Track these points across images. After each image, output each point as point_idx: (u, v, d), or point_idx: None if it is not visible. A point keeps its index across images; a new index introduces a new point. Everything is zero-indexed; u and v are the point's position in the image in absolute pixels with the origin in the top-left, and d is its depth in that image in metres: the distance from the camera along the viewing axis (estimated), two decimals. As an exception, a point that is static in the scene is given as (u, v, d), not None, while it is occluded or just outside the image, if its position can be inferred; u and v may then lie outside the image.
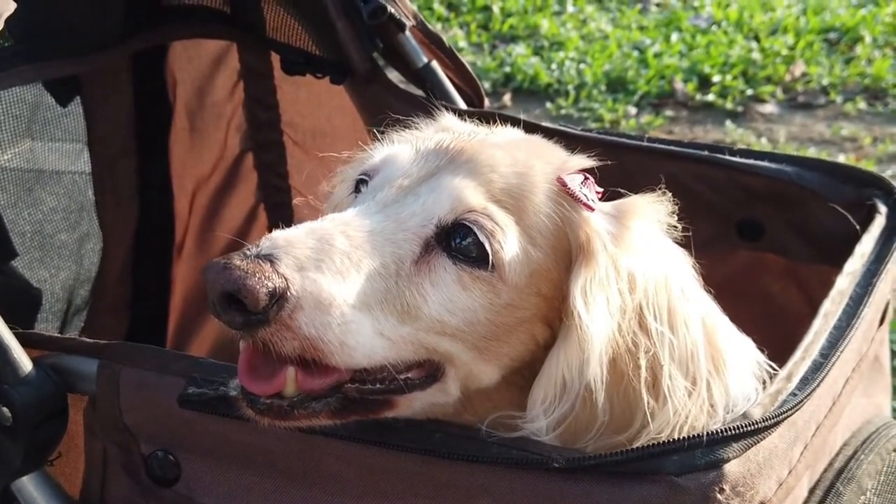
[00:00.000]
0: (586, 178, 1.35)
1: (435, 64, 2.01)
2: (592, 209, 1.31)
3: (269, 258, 1.13)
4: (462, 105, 2.01)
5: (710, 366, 1.27)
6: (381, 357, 1.21)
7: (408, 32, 1.98)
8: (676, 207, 1.37)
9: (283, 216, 2.29)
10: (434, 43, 2.01)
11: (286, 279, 1.13)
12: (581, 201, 1.30)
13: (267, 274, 1.12)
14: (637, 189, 1.43)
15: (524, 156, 1.35)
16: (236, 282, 1.10)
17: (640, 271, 1.28)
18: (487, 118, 1.78)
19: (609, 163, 1.42)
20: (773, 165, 1.70)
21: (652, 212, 1.34)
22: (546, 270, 1.28)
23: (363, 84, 2.02)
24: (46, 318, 2.01)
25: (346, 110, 2.10)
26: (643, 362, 1.24)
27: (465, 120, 1.58)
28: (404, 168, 1.33)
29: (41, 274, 1.99)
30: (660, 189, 1.36)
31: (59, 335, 1.69)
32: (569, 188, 1.31)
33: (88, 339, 1.41)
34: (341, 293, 1.17)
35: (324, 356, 1.16)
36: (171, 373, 1.31)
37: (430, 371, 1.27)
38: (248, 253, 1.13)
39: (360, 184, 1.38)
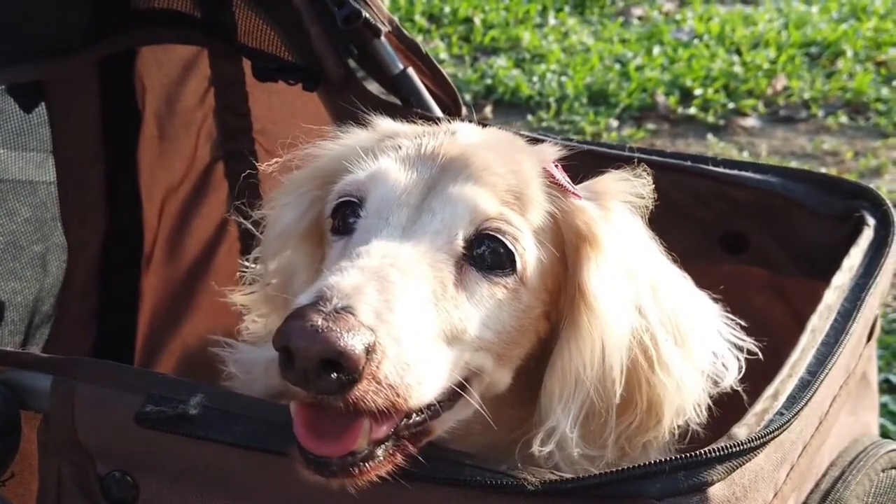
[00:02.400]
0: (557, 165, 1.36)
1: (411, 71, 1.96)
2: (579, 196, 1.31)
3: (348, 310, 1.06)
4: (439, 113, 1.95)
5: (690, 333, 1.29)
6: (441, 387, 1.17)
7: (383, 38, 1.92)
8: (660, 218, 1.36)
9: (254, 227, 2.23)
10: (410, 49, 1.96)
11: (373, 330, 1.06)
12: (569, 190, 1.31)
13: (357, 329, 1.05)
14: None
15: (508, 152, 1.33)
16: (334, 344, 1.03)
17: (632, 251, 1.29)
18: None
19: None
20: (757, 176, 1.66)
21: (625, 189, 1.35)
22: (551, 265, 1.27)
23: (337, 91, 1.96)
24: (8, 331, 1.95)
25: (320, 118, 2.04)
26: (648, 340, 1.24)
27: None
28: (401, 183, 1.27)
29: (13, 286, 1.94)
30: (628, 166, 1.36)
31: (11, 350, 1.63)
32: (557, 179, 1.31)
33: (43, 354, 1.36)
34: (413, 331, 1.11)
35: (404, 401, 1.10)
36: (128, 389, 1.25)
37: (455, 388, 1.22)
38: (323, 308, 1.05)
39: (343, 207, 1.30)
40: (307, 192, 1.43)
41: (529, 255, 1.25)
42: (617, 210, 1.32)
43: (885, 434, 2.77)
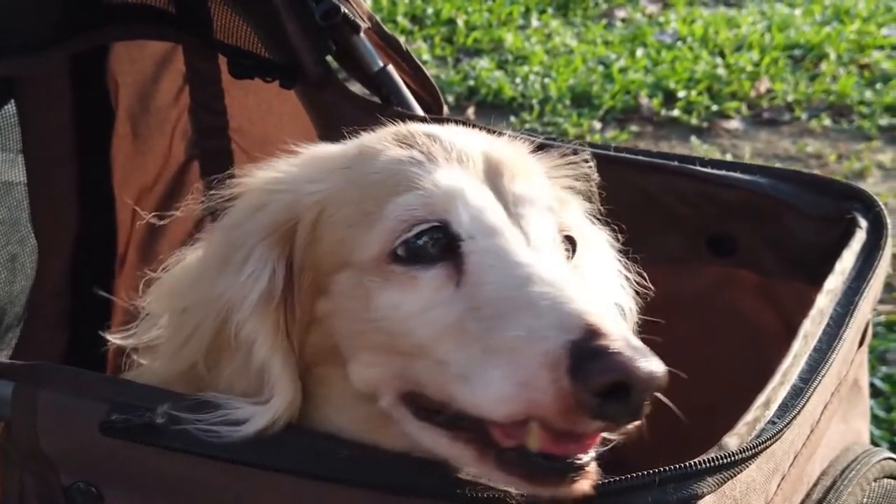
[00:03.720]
0: None
1: (391, 68, 1.91)
2: None
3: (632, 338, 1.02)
4: (420, 111, 1.91)
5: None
6: None
7: (362, 35, 1.87)
8: (645, 220, 1.32)
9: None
10: (391, 46, 1.91)
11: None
12: None
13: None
14: (602, 200, 1.39)
15: (518, 150, 1.33)
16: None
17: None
18: (446, 125, 1.70)
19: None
20: (746, 177, 1.62)
21: (566, 174, 1.36)
22: None
23: (315, 89, 1.91)
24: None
25: (298, 117, 1.99)
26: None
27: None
28: (481, 195, 1.18)
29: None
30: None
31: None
32: None
33: (4, 360, 1.30)
34: None
35: None
36: (92, 397, 1.20)
37: None
38: (633, 344, 0.99)
39: (419, 236, 1.15)
40: (270, 251, 1.21)
41: None
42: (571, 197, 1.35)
43: (870, 439, 2.74)
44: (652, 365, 0.98)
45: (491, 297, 1.08)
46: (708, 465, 1.04)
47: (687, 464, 1.03)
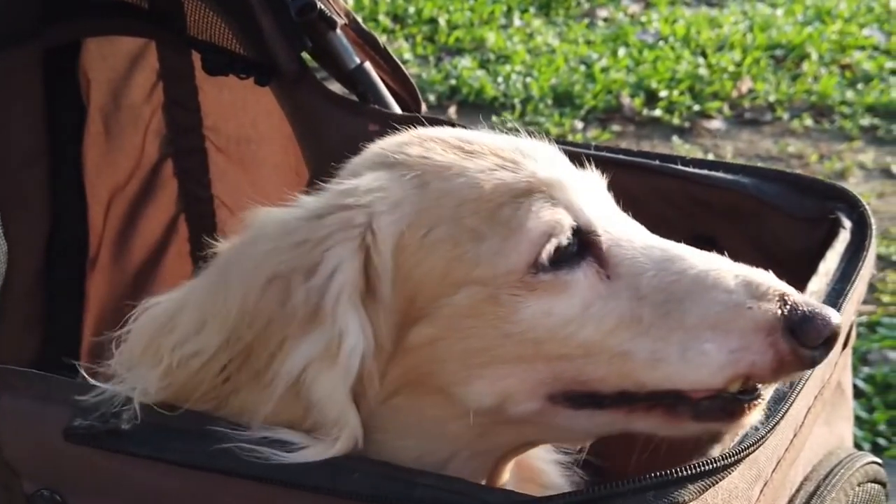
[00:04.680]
0: None
1: (368, 65, 1.87)
2: None
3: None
4: (397, 110, 1.87)
5: None
6: None
7: (339, 31, 1.84)
8: None
9: (205, 228, 2.14)
10: (368, 43, 1.87)
11: None
12: None
13: None
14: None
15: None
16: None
17: None
18: (425, 123, 1.67)
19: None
20: (728, 176, 1.59)
21: None
22: None
23: (291, 86, 1.87)
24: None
25: (273, 114, 1.96)
26: None
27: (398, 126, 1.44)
28: (585, 187, 1.22)
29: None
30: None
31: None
32: None
33: (-36, 364, 1.26)
34: None
35: None
36: (56, 402, 1.16)
37: None
38: (817, 302, 1.16)
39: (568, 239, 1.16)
40: (353, 233, 1.15)
41: None
42: None
43: (853, 440, 2.72)
44: (837, 315, 1.14)
45: (655, 283, 1.13)
46: (689, 472, 1.01)
47: (668, 471, 1.00)
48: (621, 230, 1.19)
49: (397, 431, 1.18)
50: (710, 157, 4.44)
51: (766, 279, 1.14)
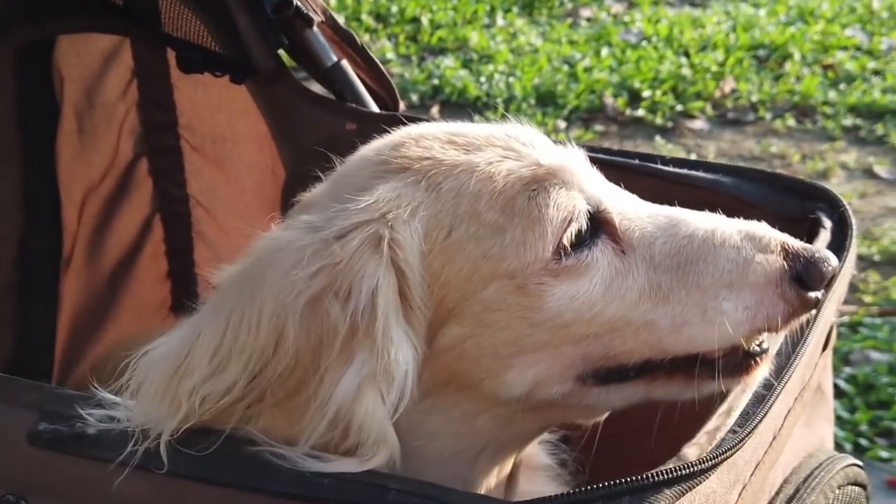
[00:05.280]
0: None
1: (345, 63, 1.85)
2: None
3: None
4: (375, 108, 1.85)
5: None
6: None
7: (316, 28, 1.81)
8: None
9: (180, 227, 2.11)
10: (345, 41, 1.85)
11: None
12: None
13: None
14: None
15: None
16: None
17: None
18: (403, 122, 1.65)
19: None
20: (708, 176, 1.58)
21: None
22: None
23: (267, 84, 1.85)
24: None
25: (249, 113, 1.94)
26: None
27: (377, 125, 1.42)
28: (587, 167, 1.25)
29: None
30: None
31: None
32: None
33: (-73, 367, 1.23)
34: None
35: None
36: (20, 406, 1.14)
37: None
38: (813, 245, 1.22)
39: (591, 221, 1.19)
40: (381, 249, 1.12)
41: None
42: None
43: (834, 441, 2.72)
44: (834, 257, 1.20)
45: (667, 249, 1.17)
46: (665, 476, 0.99)
47: (644, 475, 0.99)
48: (626, 203, 1.22)
49: (429, 435, 1.19)
50: (693, 157, 4.43)
51: (766, 231, 1.20)
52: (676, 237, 1.18)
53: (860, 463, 1.43)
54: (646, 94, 4.92)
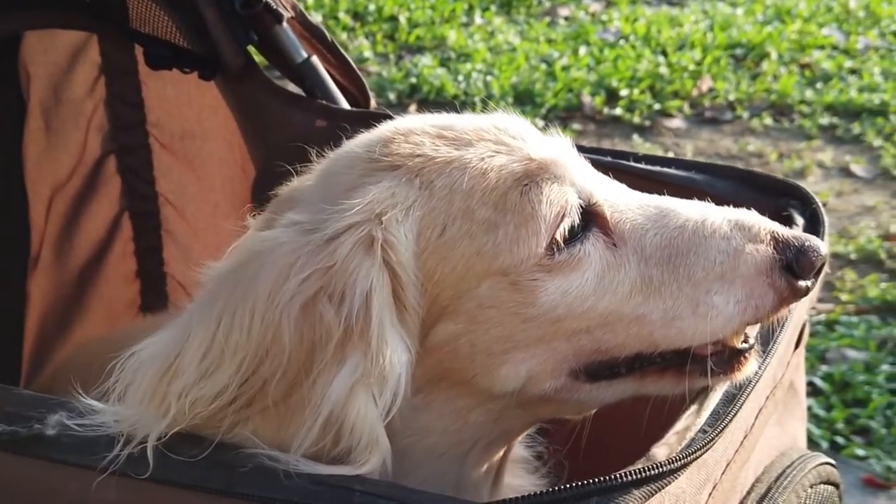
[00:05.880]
0: None
1: (316, 59, 1.83)
2: None
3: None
4: (346, 105, 1.83)
5: None
6: None
7: (285, 24, 1.79)
8: None
9: (149, 226, 2.08)
10: (315, 37, 1.83)
11: None
12: None
13: None
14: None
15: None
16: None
17: None
18: (374, 119, 1.64)
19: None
20: (680, 173, 1.56)
21: None
22: None
23: (236, 81, 1.83)
24: None
25: (218, 109, 1.91)
26: None
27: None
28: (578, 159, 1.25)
29: None
30: None
31: None
32: None
33: None
34: None
35: None
36: (-24, 407, 1.11)
37: None
38: (802, 232, 1.22)
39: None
40: (374, 250, 1.11)
41: None
42: None
43: (809, 438, 2.71)
44: (824, 244, 1.19)
45: (658, 241, 1.17)
46: (634, 476, 0.97)
47: (612, 475, 0.97)
48: (616, 195, 1.21)
49: (420, 432, 1.18)
50: (671, 155, 4.43)
51: (755, 219, 1.19)
52: (667, 228, 1.18)
53: (833, 461, 1.42)
54: (623, 92, 4.91)
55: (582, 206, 1.17)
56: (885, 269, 3.60)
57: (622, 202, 1.20)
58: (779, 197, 1.50)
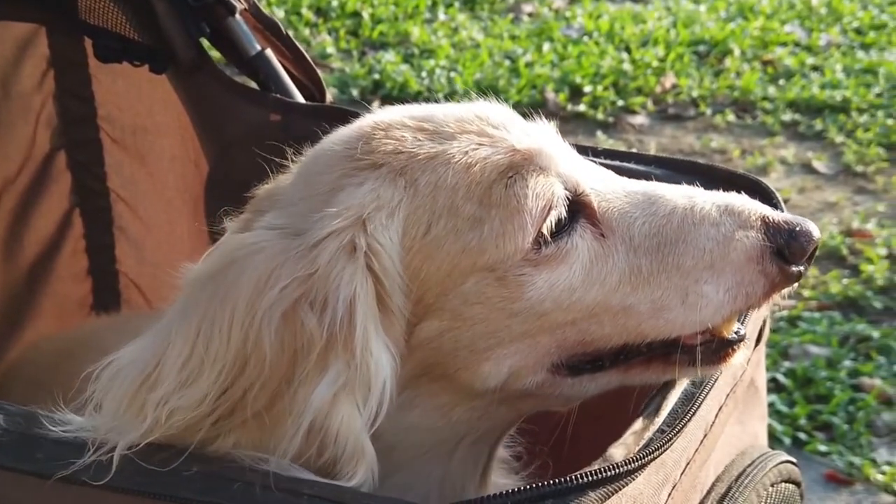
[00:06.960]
0: None
1: (269, 52, 1.79)
2: None
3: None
4: (300, 99, 1.79)
5: None
6: None
7: (238, 16, 1.75)
8: None
9: (101, 223, 2.04)
10: (269, 29, 1.79)
11: None
12: None
13: None
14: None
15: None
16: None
17: None
18: (330, 113, 1.61)
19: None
20: (640, 168, 1.54)
21: None
22: None
23: (188, 74, 1.79)
24: None
25: (170, 104, 1.87)
26: None
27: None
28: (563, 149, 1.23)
29: None
30: None
31: None
32: None
33: None
34: None
35: None
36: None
37: None
38: (794, 215, 1.17)
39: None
40: (357, 255, 1.08)
41: None
42: None
43: (772, 434, 2.71)
44: (817, 228, 1.16)
45: (646, 230, 1.14)
46: (590, 478, 0.95)
47: (567, 477, 0.95)
48: (603, 183, 1.18)
49: (405, 430, 1.16)
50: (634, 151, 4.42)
51: (745, 203, 1.17)
52: (655, 216, 1.15)
53: (793, 459, 1.40)
54: (587, 89, 4.90)
55: (568, 197, 1.14)
56: (847, 265, 3.61)
57: (609, 190, 1.18)
58: (739, 192, 1.47)
